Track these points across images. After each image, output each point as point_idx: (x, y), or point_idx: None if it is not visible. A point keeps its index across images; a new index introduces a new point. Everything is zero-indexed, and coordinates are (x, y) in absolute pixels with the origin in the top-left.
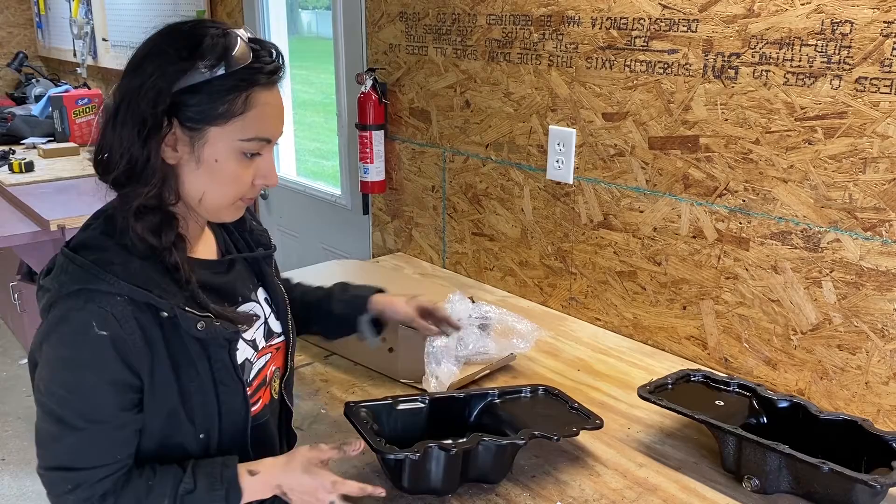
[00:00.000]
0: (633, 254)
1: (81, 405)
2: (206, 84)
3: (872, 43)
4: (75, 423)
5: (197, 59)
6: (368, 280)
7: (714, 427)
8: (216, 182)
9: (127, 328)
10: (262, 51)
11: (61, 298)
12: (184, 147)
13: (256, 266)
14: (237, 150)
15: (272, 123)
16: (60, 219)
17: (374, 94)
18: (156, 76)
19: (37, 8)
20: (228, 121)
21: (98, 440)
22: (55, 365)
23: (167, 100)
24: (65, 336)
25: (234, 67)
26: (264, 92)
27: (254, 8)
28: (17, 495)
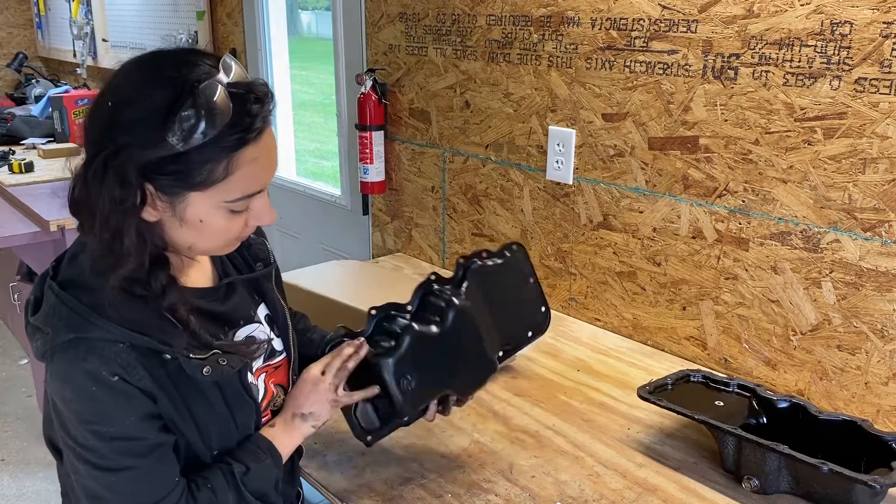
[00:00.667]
0: (632, 254)
1: (125, 447)
2: (180, 155)
3: (872, 43)
4: (127, 464)
5: (168, 133)
6: (368, 280)
7: (714, 427)
8: (204, 237)
9: (135, 375)
10: (247, 95)
11: (58, 349)
12: (164, 208)
13: (256, 283)
14: (224, 209)
15: (261, 176)
16: (60, 219)
17: (373, 94)
18: (125, 148)
19: (37, 8)
20: (210, 187)
21: (155, 470)
22: (80, 421)
23: (139, 172)
24: (78, 392)
25: (211, 134)
26: (250, 148)
27: (254, 8)
28: (16, 495)
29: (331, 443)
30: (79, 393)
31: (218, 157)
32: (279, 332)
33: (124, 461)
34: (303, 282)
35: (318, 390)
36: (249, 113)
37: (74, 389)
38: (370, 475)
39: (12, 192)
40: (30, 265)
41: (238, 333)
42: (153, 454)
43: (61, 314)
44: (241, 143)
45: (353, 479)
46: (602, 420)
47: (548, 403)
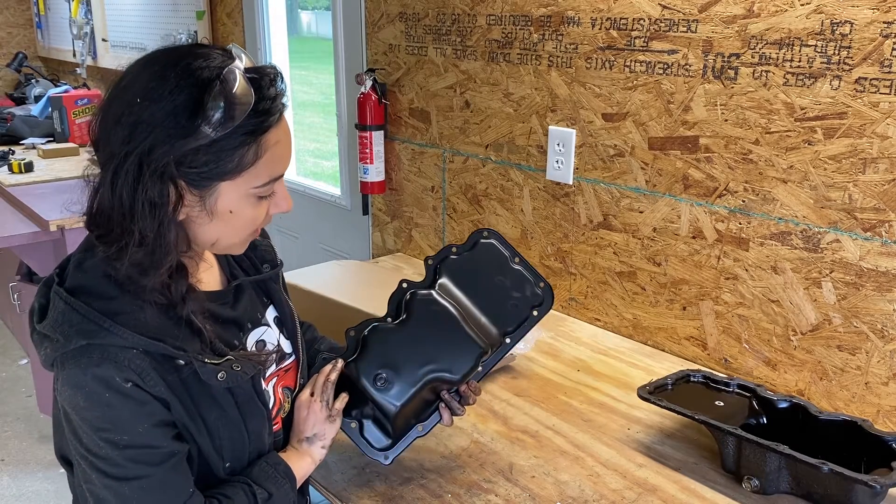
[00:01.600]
0: (632, 254)
1: (139, 456)
2: (211, 144)
3: (872, 43)
4: (140, 473)
5: (200, 121)
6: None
7: (714, 427)
8: (232, 228)
9: (149, 381)
10: (262, 80)
11: (70, 356)
12: (193, 204)
13: (264, 285)
14: (252, 196)
15: (284, 159)
16: (60, 219)
17: (373, 94)
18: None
19: (36, 8)
20: (240, 174)
21: (168, 479)
22: (93, 429)
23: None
24: (91, 400)
25: (239, 119)
26: (274, 131)
27: (253, 8)
28: (16, 495)
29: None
30: (92, 400)
31: (247, 142)
32: (288, 334)
33: (137, 470)
34: (303, 282)
35: (313, 411)
36: (268, 96)
37: (87, 396)
38: (370, 475)
39: (12, 192)
40: (30, 265)
41: (248, 337)
42: (167, 463)
43: (72, 321)
44: (266, 126)
45: (353, 479)
46: (602, 420)
47: (548, 403)
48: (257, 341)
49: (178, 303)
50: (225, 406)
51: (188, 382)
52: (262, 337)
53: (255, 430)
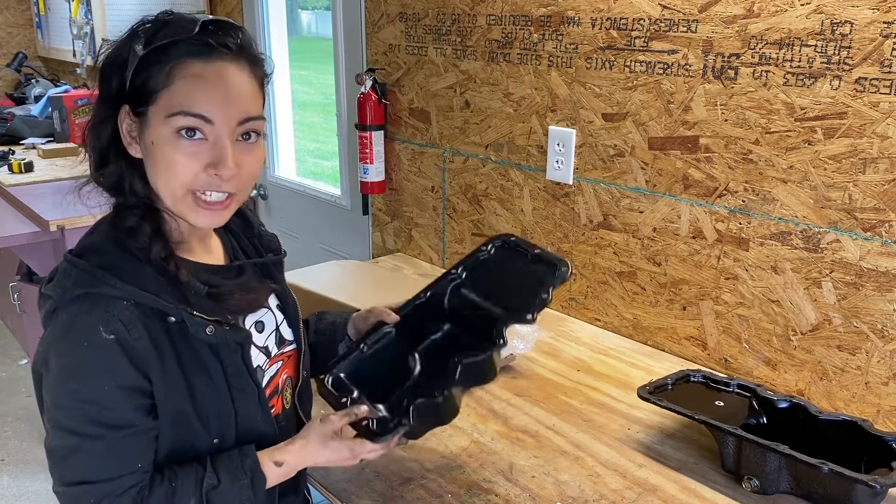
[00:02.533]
0: (632, 254)
1: (95, 413)
2: (140, 63)
3: (872, 43)
4: (91, 432)
5: (132, 40)
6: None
7: (714, 427)
8: (157, 170)
9: (134, 333)
10: (213, 26)
11: (65, 304)
12: (137, 135)
13: (267, 272)
14: (170, 129)
15: (207, 98)
16: (60, 219)
17: (373, 94)
18: (110, 65)
19: (36, 8)
20: (156, 96)
21: (117, 448)
22: (63, 375)
23: (116, 89)
24: (71, 343)
25: (161, 41)
26: (198, 63)
27: (253, 8)
28: (16, 495)
29: None
30: (71, 345)
31: (162, 60)
32: (290, 322)
33: (91, 428)
34: (303, 282)
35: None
36: (207, 33)
37: (68, 342)
38: (370, 475)
39: (12, 192)
40: (30, 265)
41: (248, 317)
42: (122, 430)
43: (71, 275)
44: (188, 53)
45: (353, 479)
46: (602, 420)
47: (548, 403)
48: (256, 322)
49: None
50: (213, 374)
51: (177, 343)
52: (261, 318)
53: (243, 407)
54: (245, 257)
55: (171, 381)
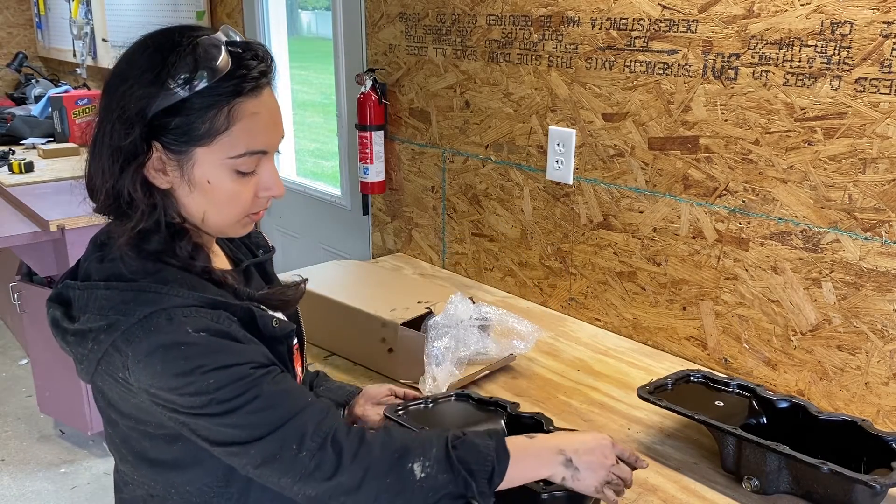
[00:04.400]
0: (632, 254)
1: (232, 388)
2: (182, 103)
3: (872, 43)
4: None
5: (166, 78)
6: (369, 280)
7: (714, 427)
8: (214, 203)
9: (224, 322)
10: (245, 53)
11: (135, 328)
12: (173, 170)
13: (262, 269)
14: (229, 168)
15: (265, 133)
16: (60, 219)
17: (373, 94)
18: (126, 101)
19: (36, 8)
20: (213, 139)
21: (277, 393)
22: (180, 388)
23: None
24: (167, 358)
25: (210, 81)
26: (251, 101)
27: (253, 8)
28: (16, 495)
29: None
30: (168, 357)
31: (217, 104)
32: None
33: (240, 399)
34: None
35: (604, 455)
36: (248, 67)
37: (164, 358)
38: None
39: (12, 192)
40: (30, 265)
41: None
42: (266, 378)
43: (126, 299)
44: (239, 92)
45: None
46: (602, 420)
47: (548, 403)
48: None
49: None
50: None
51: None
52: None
53: None
54: (242, 257)
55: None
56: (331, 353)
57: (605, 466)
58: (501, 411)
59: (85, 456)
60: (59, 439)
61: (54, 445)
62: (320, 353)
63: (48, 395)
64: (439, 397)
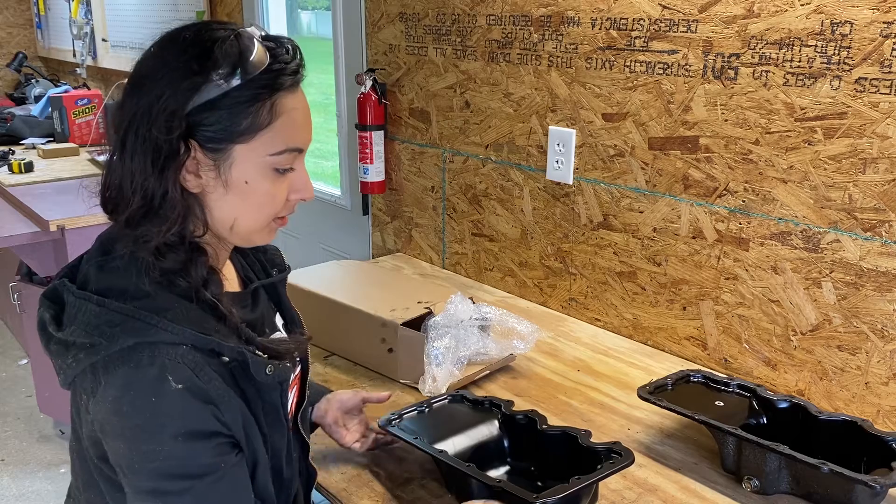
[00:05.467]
0: (632, 254)
1: (176, 467)
2: (223, 97)
3: (872, 43)
4: (176, 488)
5: (210, 70)
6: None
7: (714, 428)
8: (249, 205)
9: (204, 377)
10: (278, 49)
11: (115, 357)
12: (208, 172)
13: (274, 290)
14: (268, 167)
15: (302, 130)
16: (60, 219)
17: (373, 94)
18: (166, 96)
19: (36, 8)
20: (255, 135)
21: (207, 497)
22: (133, 437)
23: (183, 122)
24: (136, 401)
25: (253, 74)
26: (289, 96)
27: (254, 8)
28: (16, 496)
29: (331, 443)
30: (137, 404)
31: (261, 97)
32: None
33: (176, 484)
34: (303, 282)
35: None
36: (284, 61)
37: (133, 400)
38: (370, 475)
39: (12, 192)
40: (30, 265)
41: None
42: (208, 477)
43: (113, 321)
44: (281, 85)
45: (354, 479)
46: (602, 420)
47: (548, 403)
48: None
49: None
50: (255, 413)
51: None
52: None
53: (274, 446)
54: (254, 275)
55: (244, 420)
56: (331, 353)
57: None
58: (496, 410)
59: None
60: (59, 439)
61: (54, 445)
62: (320, 353)
63: (48, 395)
64: (433, 401)
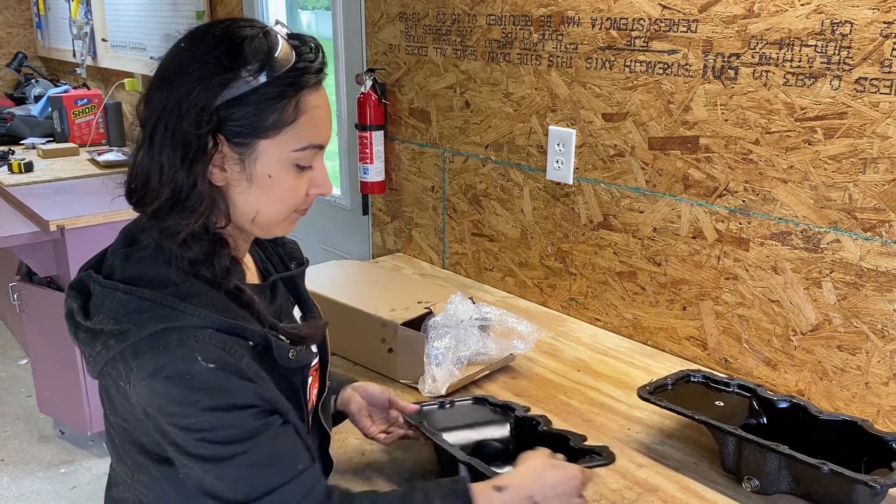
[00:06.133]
0: (632, 254)
1: (225, 436)
2: (251, 94)
3: (872, 43)
4: (229, 452)
5: (240, 66)
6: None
7: (714, 428)
8: (271, 198)
9: (235, 354)
10: (303, 47)
11: (145, 343)
12: (233, 165)
13: (293, 283)
14: (291, 162)
15: (324, 127)
16: (60, 219)
17: (373, 94)
18: (197, 91)
19: (36, 8)
20: (280, 131)
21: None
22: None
23: (212, 116)
24: (171, 380)
25: (280, 71)
26: (313, 94)
27: (254, 8)
28: (16, 496)
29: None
30: (171, 383)
31: (287, 94)
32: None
33: (229, 449)
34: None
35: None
36: (309, 59)
37: (166, 380)
38: (370, 475)
39: (12, 192)
40: (30, 265)
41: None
42: (260, 436)
43: (141, 308)
44: (306, 83)
45: (353, 479)
46: (602, 420)
47: (548, 403)
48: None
49: (222, 276)
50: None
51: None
52: None
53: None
54: (272, 268)
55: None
56: (331, 353)
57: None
58: (510, 413)
59: (85, 456)
60: (58, 439)
61: (54, 445)
62: None
63: (48, 395)
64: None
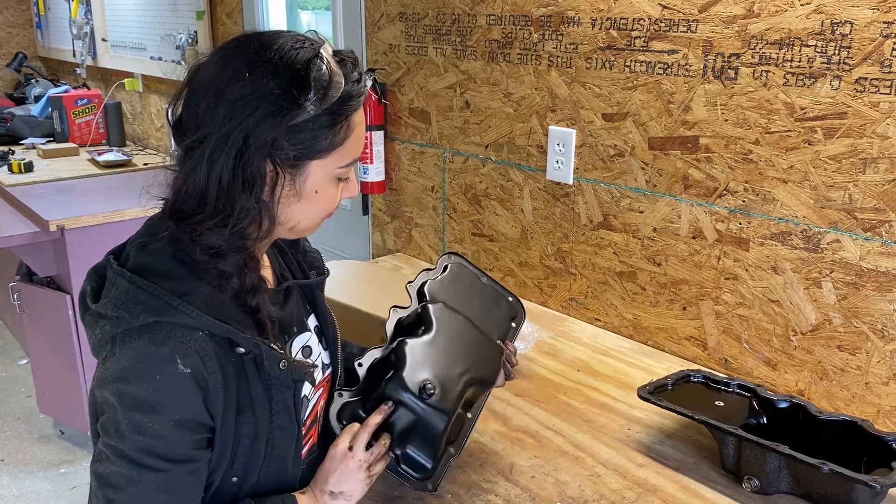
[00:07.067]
0: (632, 254)
1: (160, 447)
2: (309, 121)
3: (872, 43)
4: (153, 465)
5: (303, 98)
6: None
7: (714, 428)
8: (314, 209)
9: (209, 366)
10: (345, 62)
11: (134, 332)
12: (284, 184)
13: (309, 291)
14: (335, 177)
15: (363, 141)
16: (60, 219)
17: (373, 94)
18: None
19: (36, 8)
20: (331, 152)
21: (178, 484)
22: (131, 406)
23: (275, 145)
24: (144, 375)
25: (335, 98)
26: (357, 114)
27: (253, 8)
28: (16, 496)
29: None
30: (144, 378)
31: (339, 119)
32: (327, 344)
33: (154, 461)
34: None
35: (348, 468)
36: (353, 78)
37: (141, 374)
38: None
39: (12, 191)
40: (29, 265)
41: (294, 340)
42: (186, 465)
43: (138, 298)
44: (354, 108)
45: None
46: (602, 420)
47: (548, 403)
48: (303, 346)
49: (247, 291)
50: (258, 412)
51: (240, 375)
52: (307, 343)
53: (279, 447)
54: (290, 274)
55: (227, 419)
56: None
57: (352, 471)
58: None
59: (85, 456)
60: (59, 439)
61: (54, 445)
62: None
63: (48, 395)
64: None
